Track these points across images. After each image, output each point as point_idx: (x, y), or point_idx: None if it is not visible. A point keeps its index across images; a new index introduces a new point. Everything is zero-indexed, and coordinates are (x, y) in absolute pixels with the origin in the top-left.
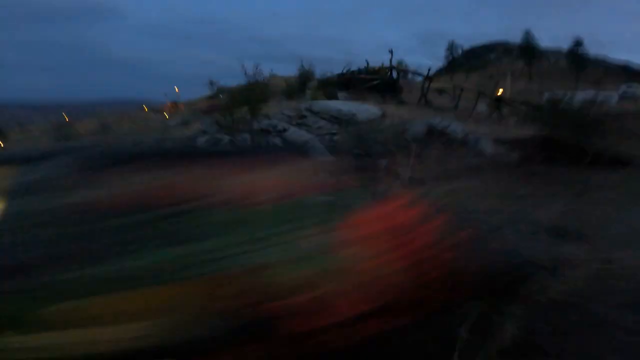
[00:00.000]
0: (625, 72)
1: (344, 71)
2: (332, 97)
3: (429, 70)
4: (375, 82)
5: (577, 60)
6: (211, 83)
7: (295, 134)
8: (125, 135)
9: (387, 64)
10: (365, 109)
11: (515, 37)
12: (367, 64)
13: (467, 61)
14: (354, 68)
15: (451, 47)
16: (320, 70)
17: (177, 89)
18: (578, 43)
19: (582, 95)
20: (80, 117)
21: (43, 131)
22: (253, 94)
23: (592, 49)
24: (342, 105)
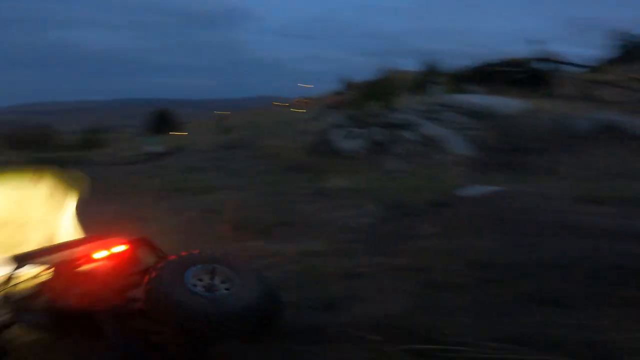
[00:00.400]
0: None
1: (479, 63)
2: (465, 90)
3: (588, 60)
4: (517, 75)
5: None
6: (341, 79)
7: (429, 128)
8: (269, 128)
9: (526, 54)
10: (506, 103)
11: None
12: (505, 55)
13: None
14: (488, 59)
15: (617, 34)
16: (447, 64)
17: (305, 86)
18: None
19: None
20: (234, 112)
21: (208, 124)
22: (384, 88)
23: None
24: (479, 99)
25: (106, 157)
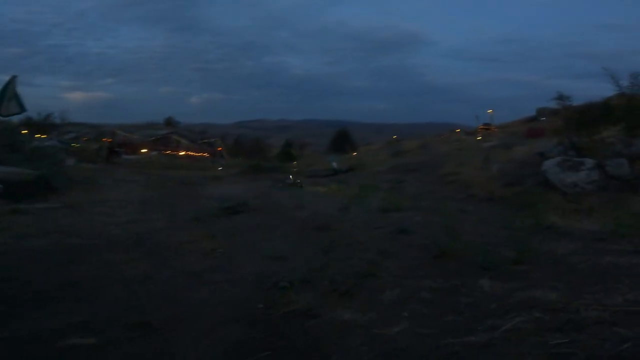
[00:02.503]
0: None
1: None
2: None
3: None
4: None
5: None
6: (561, 98)
7: None
8: (444, 154)
9: None
10: None
11: None
12: None
13: None
14: None
15: None
16: None
17: (491, 112)
18: None
19: None
20: (405, 136)
21: (380, 147)
22: (624, 113)
23: None
24: None
25: (300, 169)
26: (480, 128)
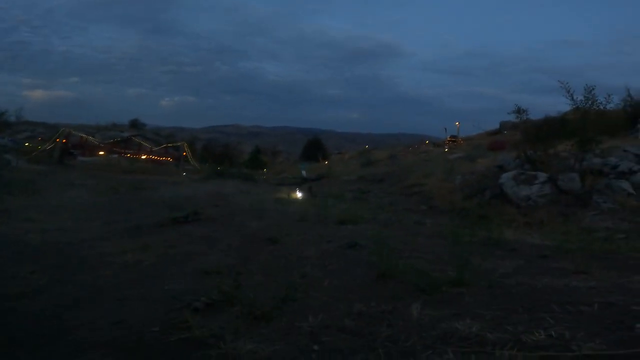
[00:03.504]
0: None
1: None
2: None
3: None
4: None
5: None
6: (518, 111)
7: None
8: (411, 165)
9: None
10: None
11: None
12: None
13: None
14: None
15: None
16: None
17: (458, 124)
18: None
19: None
20: (377, 146)
21: (351, 156)
22: (578, 127)
23: None
24: None
25: (270, 176)
26: (448, 140)
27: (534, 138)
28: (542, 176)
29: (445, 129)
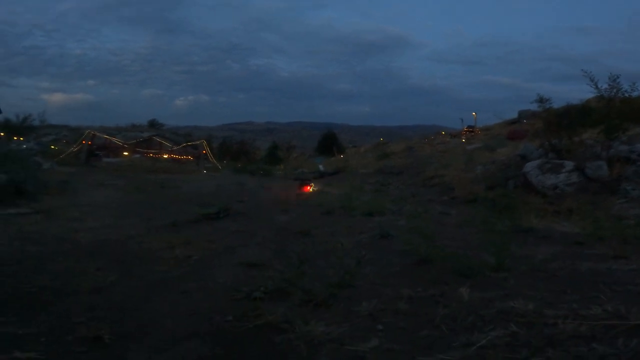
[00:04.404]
0: None
1: None
2: None
3: None
4: None
5: None
6: (541, 100)
7: None
8: (429, 157)
9: None
10: None
11: None
12: None
13: None
14: None
15: None
16: None
17: (474, 115)
18: None
19: None
20: (392, 139)
21: (366, 149)
22: (608, 113)
23: None
24: None
25: (287, 171)
26: (465, 130)
27: (557, 126)
28: (569, 164)
29: (462, 119)
